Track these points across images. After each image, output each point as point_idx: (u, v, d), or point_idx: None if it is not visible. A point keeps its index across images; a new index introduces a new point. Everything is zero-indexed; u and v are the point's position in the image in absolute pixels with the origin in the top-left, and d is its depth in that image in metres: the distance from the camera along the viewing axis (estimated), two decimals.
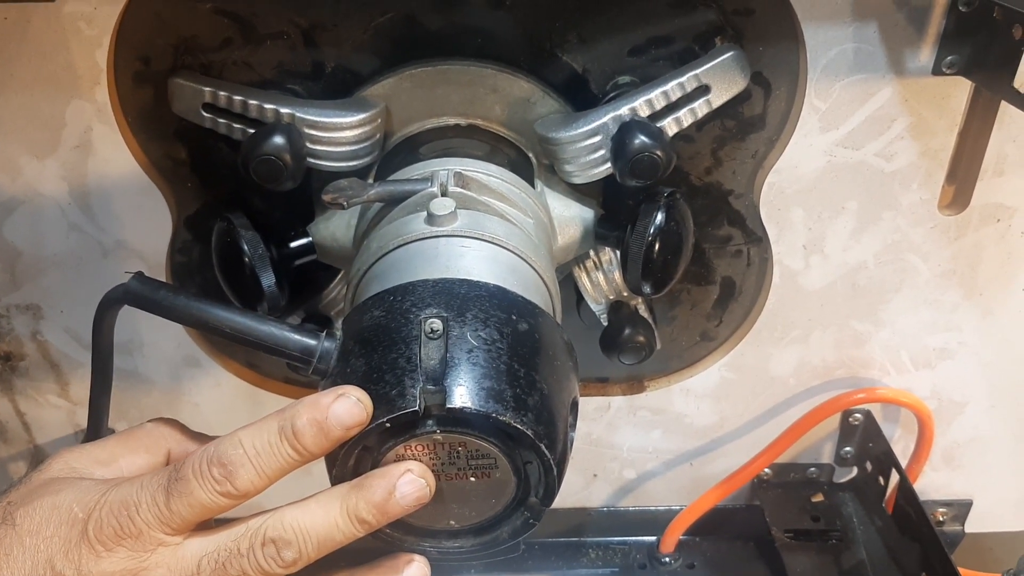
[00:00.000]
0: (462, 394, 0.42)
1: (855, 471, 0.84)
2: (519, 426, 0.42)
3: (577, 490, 0.85)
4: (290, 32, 0.61)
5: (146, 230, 0.68)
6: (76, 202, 0.67)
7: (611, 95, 0.63)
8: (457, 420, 0.43)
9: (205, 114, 0.60)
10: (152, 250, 0.69)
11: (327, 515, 0.43)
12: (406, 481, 0.43)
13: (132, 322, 0.73)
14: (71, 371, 0.76)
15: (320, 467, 0.45)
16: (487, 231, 0.53)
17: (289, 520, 0.43)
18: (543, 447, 0.43)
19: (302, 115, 0.59)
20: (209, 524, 0.44)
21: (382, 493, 0.42)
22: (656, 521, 0.85)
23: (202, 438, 0.50)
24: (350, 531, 0.43)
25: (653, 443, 0.82)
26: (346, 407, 0.42)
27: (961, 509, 0.87)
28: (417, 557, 0.47)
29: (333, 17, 0.61)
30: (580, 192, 0.65)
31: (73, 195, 0.66)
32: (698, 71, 0.59)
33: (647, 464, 0.84)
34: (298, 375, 0.76)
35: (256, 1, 0.60)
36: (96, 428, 0.54)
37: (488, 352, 0.44)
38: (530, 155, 0.65)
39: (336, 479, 0.44)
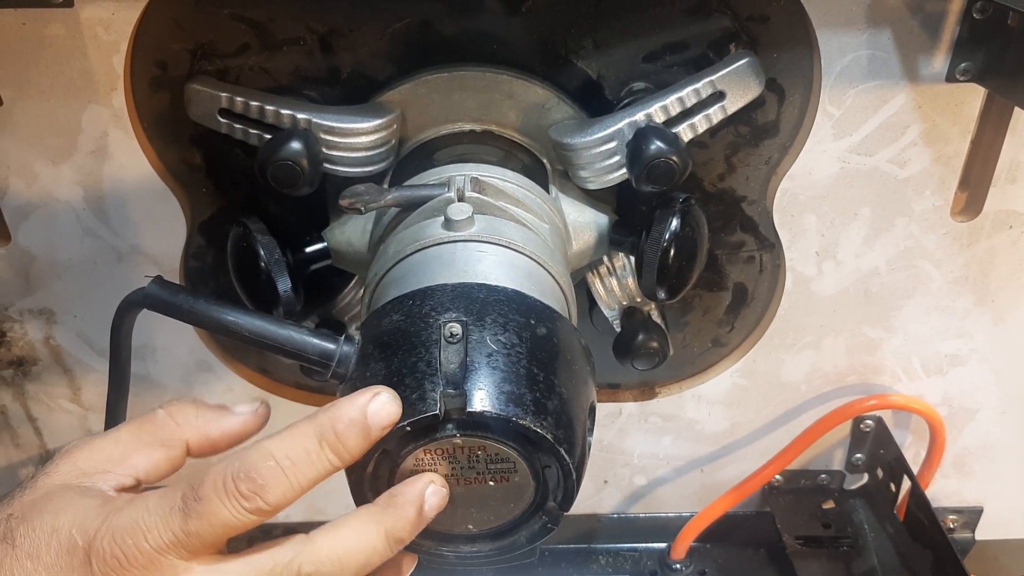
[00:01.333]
0: (482, 398, 0.42)
1: (866, 478, 0.84)
2: (539, 430, 0.42)
3: (588, 496, 0.85)
4: (307, 38, 0.61)
5: (160, 235, 0.69)
6: (91, 207, 0.67)
7: (626, 101, 0.63)
8: (477, 424, 0.43)
9: (221, 119, 0.61)
10: (166, 255, 0.69)
11: (364, 540, 0.41)
12: (431, 492, 0.43)
13: (145, 327, 0.73)
14: (83, 376, 0.77)
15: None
16: (504, 236, 0.53)
17: (326, 552, 0.41)
18: (562, 451, 0.43)
19: (318, 121, 0.59)
20: (221, 550, 0.41)
21: (414, 510, 0.42)
22: (667, 528, 0.85)
23: (223, 413, 0.46)
24: (388, 553, 0.42)
25: (664, 449, 0.82)
26: (383, 405, 0.41)
27: (972, 516, 0.87)
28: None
29: (349, 23, 0.61)
30: (594, 198, 0.65)
31: (88, 200, 0.67)
32: (713, 77, 0.60)
33: (658, 470, 0.84)
34: (310, 380, 0.76)
35: (273, 7, 0.60)
36: None
37: (508, 356, 0.44)
38: (544, 161, 0.65)
39: (355, 483, 0.44)
